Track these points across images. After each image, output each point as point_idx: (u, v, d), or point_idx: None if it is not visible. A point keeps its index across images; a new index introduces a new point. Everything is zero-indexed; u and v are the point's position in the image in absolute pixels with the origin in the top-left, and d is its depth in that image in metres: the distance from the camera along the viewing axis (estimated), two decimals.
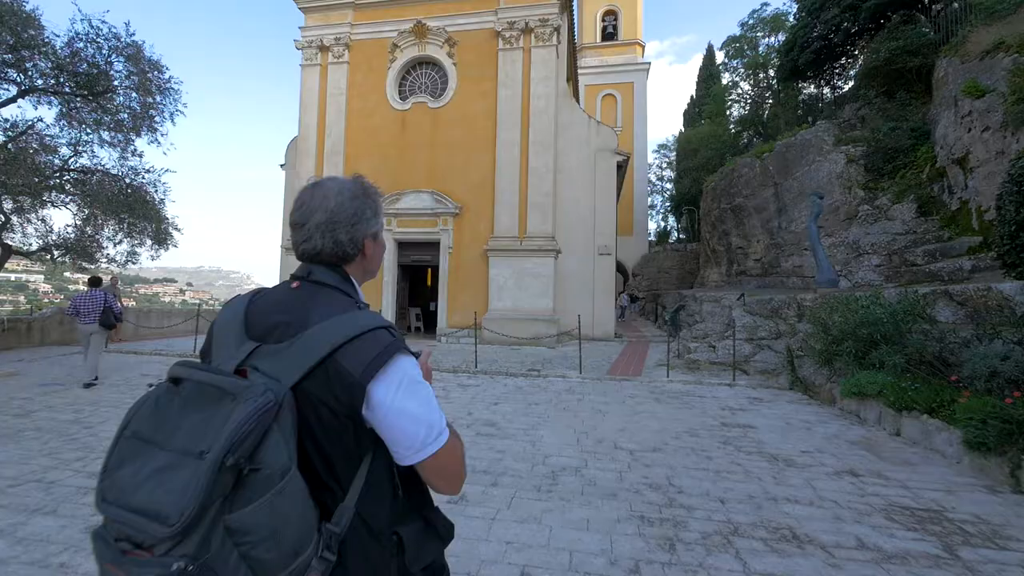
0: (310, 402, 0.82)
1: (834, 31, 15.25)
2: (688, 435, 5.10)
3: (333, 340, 0.83)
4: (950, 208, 9.44)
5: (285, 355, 0.84)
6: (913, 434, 4.89)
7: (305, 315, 0.89)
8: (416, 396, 0.85)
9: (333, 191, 0.98)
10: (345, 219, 0.97)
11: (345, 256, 0.98)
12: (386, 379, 0.83)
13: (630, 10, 29.00)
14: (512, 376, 8.50)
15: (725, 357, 8.71)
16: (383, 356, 0.83)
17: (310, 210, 0.96)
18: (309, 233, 0.96)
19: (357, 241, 0.99)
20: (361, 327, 0.85)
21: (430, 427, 0.85)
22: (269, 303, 0.95)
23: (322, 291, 0.94)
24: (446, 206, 14.05)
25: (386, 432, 0.84)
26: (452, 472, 0.91)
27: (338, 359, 0.81)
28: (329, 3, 15.32)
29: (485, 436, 4.97)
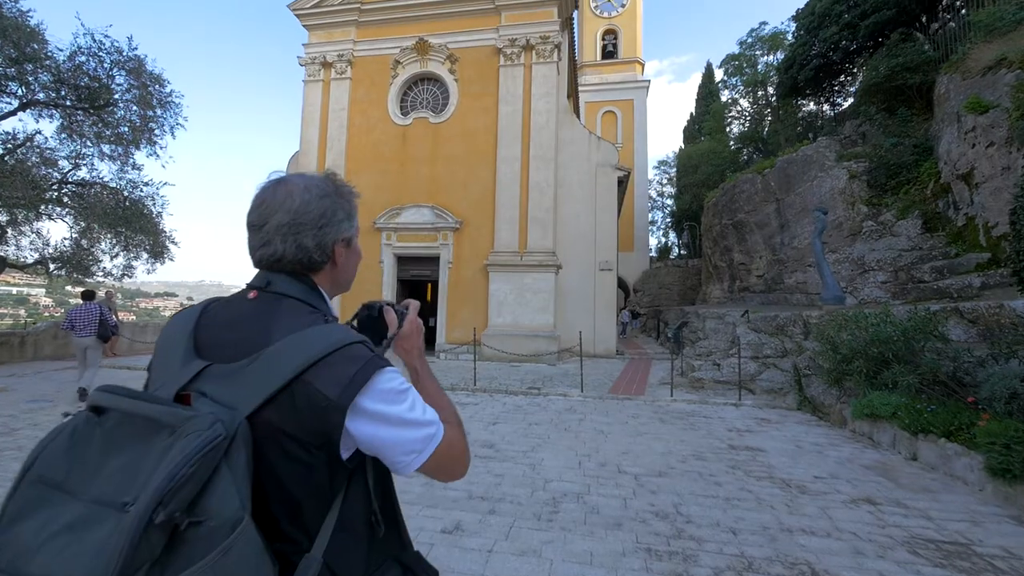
0: (272, 434, 0.69)
1: (833, 49, 15.37)
2: (695, 458, 4.89)
3: (302, 358, 0.70)
4: (956, 224, 9.32)
5: (241, 377, 0.70)
6: (931, 459, 4.68)
7: (265, 330, 0.76)
8: (403, 404, 0.77)
9: (298, 188, 0.84)
10: (311, 221, 0.83)
11: (311, 264, 0.85)
12: (370, 397, 0.73)
13: (629, 29, 29.42)
14: (512, 394, 8.29)
15: (730, 376, 8.50)
16: (364, 373, 0.73)
17: (270, 209, 0.82)
18: (268, 236, 0.82)
19: (326, 247, 0.85)
20: (335, 342, 0.73)
21: (424, 429, 0.78)
22: (223, 316, 0.81)
23: (284, 303, 0.81)
24: (446, 221, 13.98)
25: (377, 450, 0.76)
26: (454, 464, 0.85)
27: (309, 380, 0.70)
28: (333, 21, 15.50)
29: (483, 459, 4.76)
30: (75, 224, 9.98)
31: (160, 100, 9.57)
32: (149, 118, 9.56)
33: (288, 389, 0.69)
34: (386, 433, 0.74)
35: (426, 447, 0.78)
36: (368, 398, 0.73)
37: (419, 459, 0.77)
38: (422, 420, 0.78)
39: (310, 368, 0.70)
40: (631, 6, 29.33)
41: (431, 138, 14.50)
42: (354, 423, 0.72)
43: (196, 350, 0.76)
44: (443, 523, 3.34)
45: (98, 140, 9.89)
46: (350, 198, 0.92)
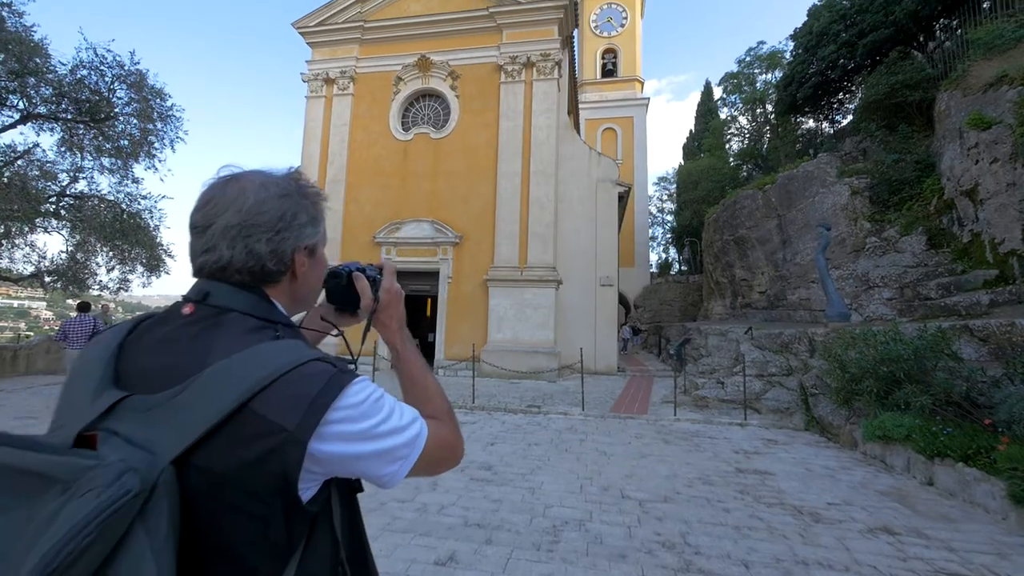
0: (209, 482, 0.55)
1: (831, 67, 15.49)
2: (701, 482, 4.69)
3: (247, 383, 0.58)
4: (961, 240, 9.22)
5: (166, 411, 0.57)
6: (949, 484, 4.47)
7: (200, 351, 0.62)
8: (378, 415, 0.66)
9: (253, 185, 0.71)
10: (267, 223, 0.70)
11: (265, 273, 0.71)
12: (337, 420, 0.62)
13: (629, 49, 29.82)
14: (511, 412, 8.08)
15: (734, 394, 8.30)
16: (326, 394, 0.61)
17: (217, 209, 0.69)
18: (212, 240, 0.69)
19: (283, 254, 0.72)
20: (288, 362, 0.61)
21: (406, 433, 0.69)
22: (153, 336, 0.67)
23: (225, 318, 0.67)
24: (446, 235, 13.91)
25: (355, 471, 0.67)
26: (446, 458, 0.77)
27: (257, 409, 0.57)
28: (336, 39, 15.67)
29: (480, 482, 4.56)
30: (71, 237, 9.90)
31: (161, 114, 9.58)
32: (149, 131, 9.56)
33: (230, 423, 0.56)
34: (362, 448, 0.64)
35: (411, 452, 0.69)
36: (335, 422, 0.61)
37: (405, 466, 0.69)
38: (402, 425, 0.69)
39: (258, 394, 0.57)
40: (630, 26, 29.78)
41: (432, 153, 14.52)
42: (321, 448, 0.60)
43: (115, 378, 0.63)
44: (436, 554, 3.14)
45: (98, 153, 9.87)
46: (316, 200, 0.79)
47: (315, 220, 0.78)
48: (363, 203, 14.74)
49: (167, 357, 0.63)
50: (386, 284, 0.88)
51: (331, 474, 0.66)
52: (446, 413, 0.82)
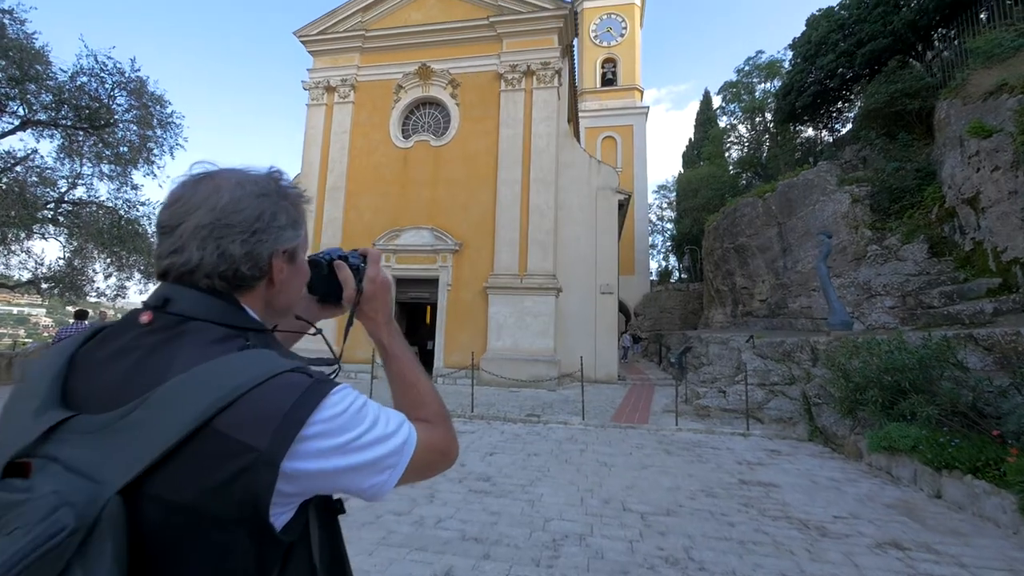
0: (165, 512, 0.49)
1: (830, 76, 15.56)
2: (704, 495, 4.59)
3: (210, 398, 0.52)
4: (963, 248, 9.17)
5: (114, 433, 0.50)
6: (957, 497, 4.38)
7: (157, 365, 0.56)
8: (362, 425, 0.61)
9: (229, 183, 0.65)
10: (242, 223, 0.64)
11: (238, 278, 0.65)
12: (314, 437, 0.56)
13: (628, 58, 30.01)
14: (510, 422, 7.98)
15: (736, 404, 8.20)
16: (302, 408, 0.55)
17: (187, 207, 0.63)
18: (181, 240, 0.63)
19: (259, 258, 0.66)
20: (258, 374, 0.55)
21: (393, 440, 0.64)
22: (107, 347, 0.60)
23: (188, 327, 0.60)
24: (446, 243, 13.87)
25: (337, 487, 0.61)
26: (438, 461, 0.72)
27: (220, 429, 0.51)
28: (337, 47, 15.75)
29: (478, 494, 4.46)
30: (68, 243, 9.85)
31: (161, 121, 9.58)
32: (148, 138, 9.55)
33: (189, 444, 0.50)
34: (345, 462, 0.58)
35: (400, 460, 0.64)
36: (312, 437, 0.56)
37: (394, 475, 0.64)
38: (388, 433, 0.63)
39: (223, 412, 0.51)
40: (630, 36, 30.00)
41: (432, 161, 14.52)
42: (297, 466, 0.54)
43: (63, 396, 0.56)
44: (433, 569, 3.05)
45: (98, 160, 9.86)
46: (297, 202, 0.73)
47: (296, 223, 0.72)
48: (363, 210, 14.73)
49: (120, 371, 0.56)
50: (370, 273, 0.82)
51: (311, 493, 0.60)
52: (438, 415, 0.77)
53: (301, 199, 0.75)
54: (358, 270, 0.82)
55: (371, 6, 15.64)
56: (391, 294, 0.87)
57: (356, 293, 0.81)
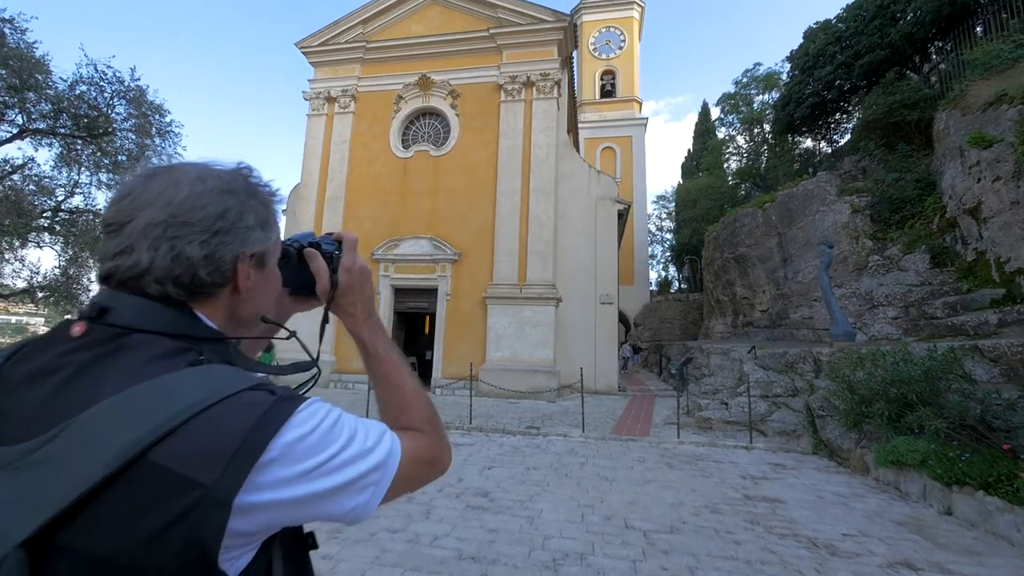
0: (82, 568, 0.40)
1: (828, 88, 15.65)
2: (709, 511, 4.46)
3: (145, 427, 0.43)
4: (966, 259, 9.11)
5: (19, 472, 0.42)
6: (969, 514, 4.25)
7: (84, 387, 0.48)
8: (335, 444, 0.52)
9: (188, 177, 0.58)
10: (202, 221, 0.56)
11: (195, 284, 0.57)
12: (277, 464, 0.48)
13: (627, 70, 30.27)
14: (509, 434, 7.85)
15: (739, 416, 8.07)
16: (262, 432, 0.47)
17: (139, 203, 0.55)
18: (130, 240, 0.54)
19: (221, 262, 0.58)
20: (209, 394, 0.47)
21: (373, 456, 0.56)
22: (25, 367, 0.52)
23: (128, 341, 0.52)
24: (445, 252, 13.81)
25: (311, 515, 0.52)
26: (426, 472, 0.66)
27: (159, 463, 0.43)
28: (339, 59, 15.85)
29: (476, 510, 4.33)
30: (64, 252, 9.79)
31: (160, 130, 9.58)
32: (146, 147, 9.53)
33: (117, 484, 0.41)
34: (317, 487, 0.50)
35: (383, 476, 0.56)
36: (274, 465, 0.47)
37: (377, 493, 0.56)
38: (367, 448, 0.56)
39: (162, 441, 0.43)
40: (628, 49, 30.29)
41: (432, 171, 14.53)
42: (257, 499, 0.46)
43: None
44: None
45: (96, 168, 9.83)
46: (267, 201, 0.65)
47: (266, 224, 0.64)
48: (362, 220, 14.69)
49: (38, 396, 0.48)
50: (346, 262, 0.74)
51: (276, 528, 0.52)
52: (427, 420, 0.70)
53: (273, 199, 0.67)
54: (332, 258, 0.73)
55: (372, 18, 15.77)
56: (372, 284, 0.78)
57: (330, 285, 0.72)
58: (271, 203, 0.66)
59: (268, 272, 0.66)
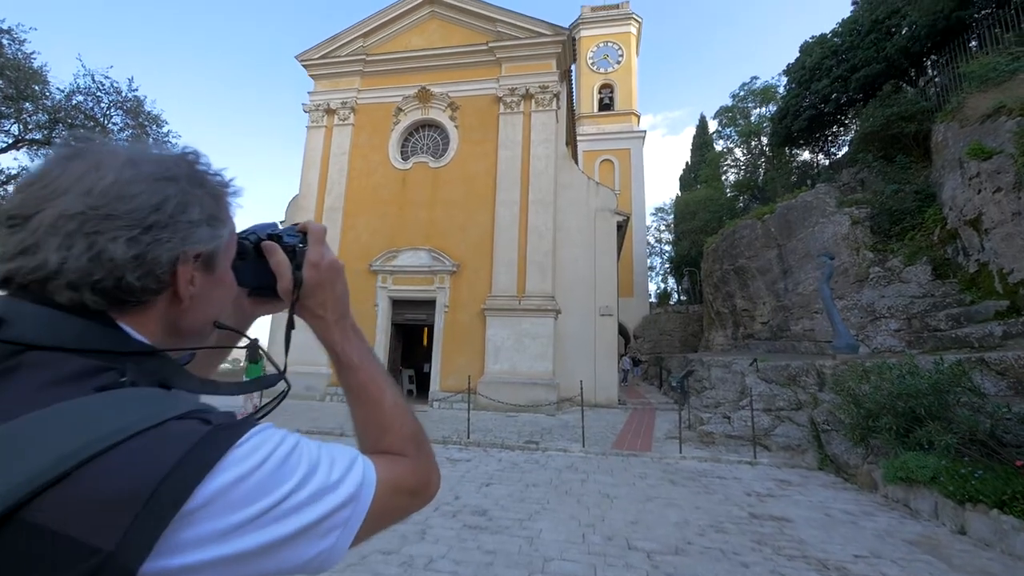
0: None
1: (825, 101, 15.75)
2: (714, 530, 4.30)
3: (18, 475, 0.33)
4: (968, 270, 9.05)
5: None
6: (983, 533, 4.11)
7: None
8: (289, 482, 0.42)
9: (116, 160, 0.48)
10: (131, 214, 0.46)
11: (123, 291, 0.46)
12: (207, 513, 0.37)
13: (625, 84, 30.55)
14: (508, 449, 7.68)
15: (742, 430, 7.92)
16: (187, 474, 0.37)
17: (50, 190, 0.45)
18: (35, 236, 0.44)
19: (156, 263, 0.47)
20: (116, 429, 0.37)
21: (340, 490, 0.46)
22: None
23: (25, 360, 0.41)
24: (443, 264, 13.73)
25: (264, 571, 0.41)
26: (406, 506, 0.56)
27: (38, 523, 0.32)
28: (338, 71, 15.94)
29: (473, 530, 4.17)
30: None
31: (156, 140, 9.55)
32: None
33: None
34: (266, 538, 0.40)
35: (353, 513, 0.47)
36: (203, 516, 0.37)
37: (346, 535, 0.46)
38: (332, 482, 0.46)
39: (45, 493, 0.33)
40: (626, 63, 30.62)
41: (430, 182, 14.52)
42: (181, 562, 0.36)
43: None
44: None
45: None
46: (218, 193, 0.56)
47: (215, 219, 0.54)
48: (360, 231, 14.64)
49: None
50: (312, 256, 0.63)
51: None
52: (410, 440, 0.60)
53: (225, 190, 0.57)
54: (295, 252, 0.62)
55: (372, 32, 15.91)
56: (345, 282, 0.67)
57: (293, 283, 0.61)
58: (223, 195, 0.56)
59: (220, 275, 0.56)
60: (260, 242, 0.63)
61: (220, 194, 0.56)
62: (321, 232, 0.65)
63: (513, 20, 14.63)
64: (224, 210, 0.56)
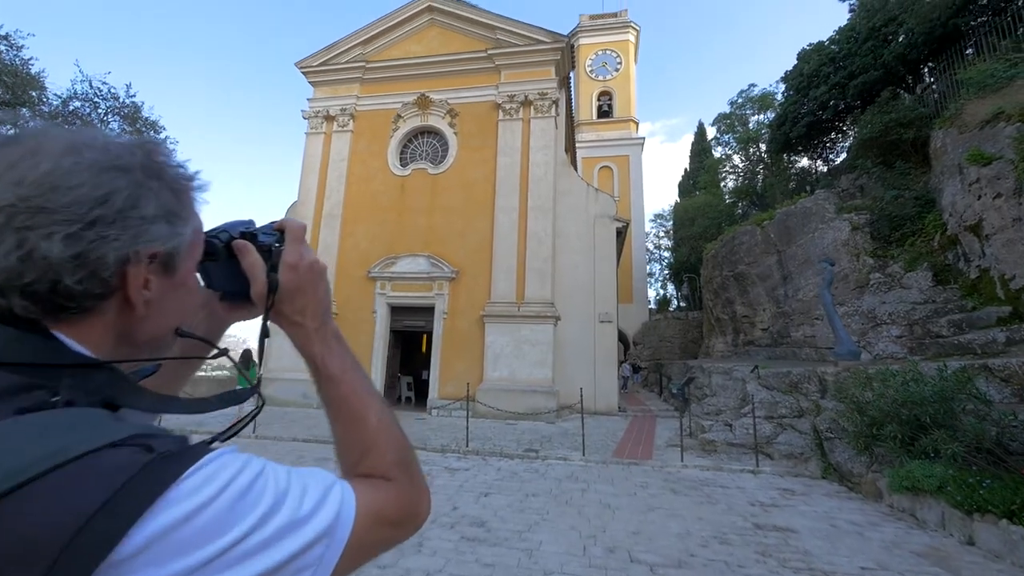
0: None
1: (823, 108, 15.80)
2: (717, 542, 4.21)
3: None
4: (969, 276, 9.01)
5: None
6: (993, 544, 4.02)
7: None
8: (252, 514, 0.36)
9: (56, 147, 0.42)
10: (70, 207, 0.40)
11: (61, 296, 0.41)
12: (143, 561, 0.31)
13: (623, 91, 30.69)
14: (507, 458, 7.57)
15: (743, 438, 7.83)
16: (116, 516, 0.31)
17: None
18: None
19: (100, 264, 0.42)
20: (33, 462, 0.31)
21: (311, 525, 0.40)
22: None
23: None
24: (442, 270, 13.67)
25: None
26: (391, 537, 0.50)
27: None
28: (338, 78, 15.98)
29: (471, 542, 4.08)
30: None
31: None
32: None
33: None
34: None
35: (328, 549, 0.41)
36: (136, 567, 0.31)
37: (320, 574, 0.40)
38: (302, 516, 0.40)
39: None
40: (624, 71, 30.78)
41: (429, 188, 14.50)
42: None
43: None
44: None
45: None
46: (180, 187, 0.50)
47: (175, 216, 0.48)
48: (359, 238, 14.59)
49: None
50: (290, 257, 0.56)
51: None
52: (397, 463, 0.54)
53: (189, 182, 0.51)
54: (270, 252, 0.56)
55: (372, 39, 15.97)
56: (327, 286, 0.60)
57: (268, 287, 0.55)
58: (185, 189, 0.50)
59: (181, 278, 0.50)
60: (231, 241, 0.57)
61: (182, 188, 0.50)
62: (300, 230, 0.59)
63: (512, 28, 14.70)
64: (187, 206, 0.50)
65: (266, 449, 7.60)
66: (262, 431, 8.77)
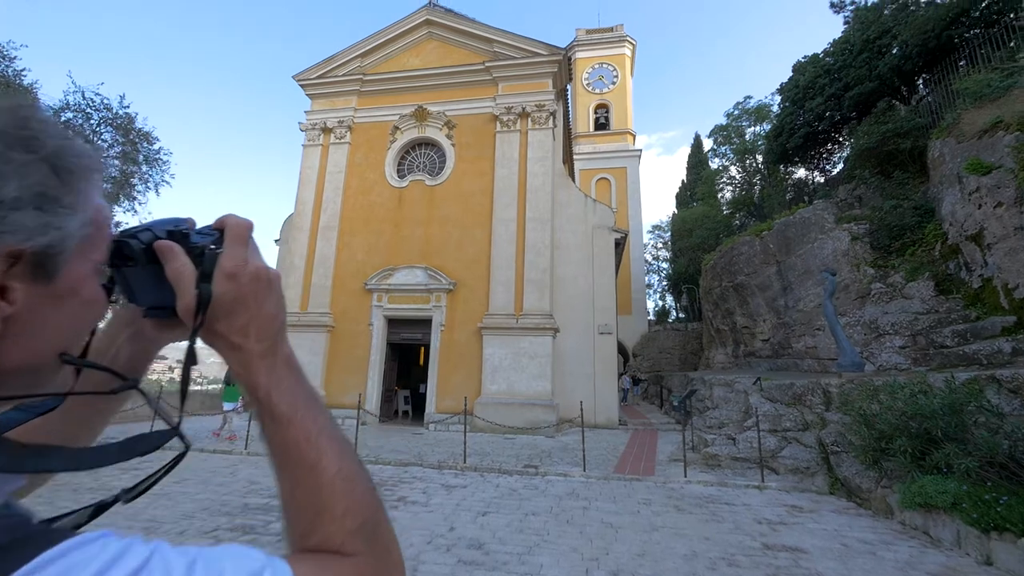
0: None
1: (819, 119, 15.88)
2: (726, 564, 4.03)
3: None
4: (971, 286, 8.92)
5: None
6: (1012, 564, 3.85)
7: None
8: None
9: None
10: None
11: None
12: None
13: (620, 104, 30.94)
14: (506, 474, 7.37)
15: (747, 451, 7.65)
16: None
17: None
18: None
19: None
20: None
21: None
22: None
23: None
24: (440, 282, 13.54)
25: None
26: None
27: None
28: (336, 91, 16.02)
29: (468, 565, 3.89)
30: None
31: (147, 157, 9.45)
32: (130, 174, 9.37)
33: None
34: None
35: None
36: None
37: None
38: None
39: None
40: (621, 83, 31.07)
41: (427, 200, 14.44)
42: None
43: None
44: None
45: None
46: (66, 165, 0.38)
47: (52, 201, 0.36)
48: (356, 249, 14.48)
49: None
50: (228, 264, 0.44)
51: None
52: (360, 531, 0.42)
53: (80, 160, 0.39)
54: (203, 256, 0.44)
55: (370, 52, 16.05)
56: (280, 299, 0.48)
57: (197, 300, 0.43)
58: (75, 168, 0.38)
59: (66, 286, 0.38)
60: (154, 242, 0.44)
61: (69, 167, 0.38)
62: (243, 229, 0.46)
63: (510, 41, 14.79)
64: (75, 191, 0.38)
65: (257, 466, 7.38)
66: (254, 447, 8.49)
